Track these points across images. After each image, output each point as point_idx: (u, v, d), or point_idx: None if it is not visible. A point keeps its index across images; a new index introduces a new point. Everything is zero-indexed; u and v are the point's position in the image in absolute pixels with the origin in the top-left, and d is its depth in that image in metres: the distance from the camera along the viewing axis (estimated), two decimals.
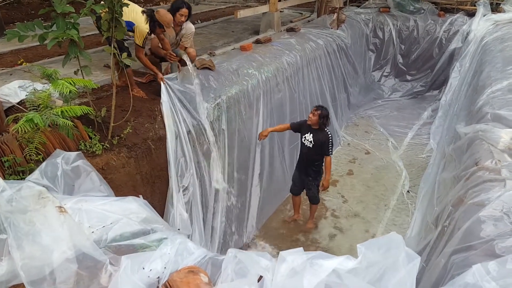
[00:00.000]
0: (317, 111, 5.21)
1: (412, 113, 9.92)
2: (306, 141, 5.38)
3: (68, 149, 3.75)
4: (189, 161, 4.65)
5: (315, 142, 5.30)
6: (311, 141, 5.33)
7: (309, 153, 5.43)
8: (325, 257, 2.21)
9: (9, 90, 4.15)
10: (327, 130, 5.34)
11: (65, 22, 3.68)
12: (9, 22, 8.69)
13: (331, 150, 5.34)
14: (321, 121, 5.20)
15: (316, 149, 5.33)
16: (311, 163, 5.52)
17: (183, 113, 4.73)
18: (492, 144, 4.00)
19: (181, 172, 4.57)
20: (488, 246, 2.61)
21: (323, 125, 5.24)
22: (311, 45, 8.03)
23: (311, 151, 5.38)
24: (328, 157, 5.36)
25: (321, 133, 5.30)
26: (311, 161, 5.50)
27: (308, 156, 5.47)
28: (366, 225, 6.16)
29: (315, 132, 5.31)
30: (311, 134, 5.33)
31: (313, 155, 5.42)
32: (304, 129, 5.45)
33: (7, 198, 2.59)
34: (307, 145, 5.37)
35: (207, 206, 5.10)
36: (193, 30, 5.52)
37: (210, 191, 5.13)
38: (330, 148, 5.31)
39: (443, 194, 4.69)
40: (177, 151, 4.54)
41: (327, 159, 5.36)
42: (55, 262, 2.40)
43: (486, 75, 6.32)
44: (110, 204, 2.93)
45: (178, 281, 2.32)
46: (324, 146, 5.27)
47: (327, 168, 5.41)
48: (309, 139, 5.34)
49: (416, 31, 10.64)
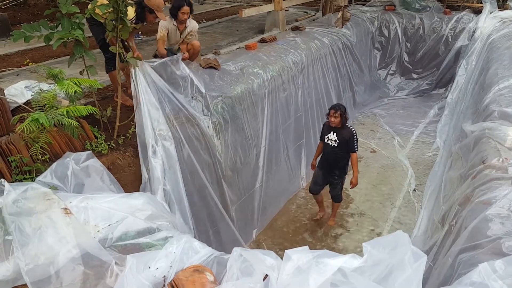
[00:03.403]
0: (337, 112, 5.10)
1: (418, 111, 9.86)
2: (330, 141, 5.31)
3: (74, 149, 3.77)
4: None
5: (340, 140, 5.24)
6: (335, 140, 5.26)
7: (334, 152, 5.34)
8: (330, 255, 2.20)
9: (15, 91, 4.19)
10: (350, 126, 5.29)
11: (70, 22, 3.70)
12: (15, 23, 8.75)
13: (356, 146, 5.27)
14: (343, 118, 5.14)
15: (341, 147, 5.27)
16: (337, 162, 5.44)
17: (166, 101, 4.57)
18: (499, 142, 3.97)
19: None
20: (495, 245, 2.59)
21: (344, 123, 5.19)
22: (316, 44, 8.01)
23: (336, 149, 5.31)
24: (354, 154, 5.29)
25: (344, 130, 5.23)
26: (337, 160, 5.42)
27: (333, 155, 5.38)
28: (372, 223, 6.14)
29: (338, 131, 5.25)
30: (334, 133, 5.26)
31: (339, 154, 5.34)
32: (326, 129, 5.39)
33: (13, 200, 2.60)
34: (332, 144, 5.30)
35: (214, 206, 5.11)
36: (197, 27, 5.52)
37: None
38: (356, 144, 5.25)
39: (450, 192, 4.66)
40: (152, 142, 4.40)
41: (353, 155, 5.29)
42: (61, 262, 2.42)
43: (493, 73, 6.27)
44: (116, 201, 2.94)
45: (183, 280, 2.33)
46: (350, 142, 5.20)
47: (354, 165, 5.34)
48: (332, 138, 5.28)
49: (422, 29, 10.57)
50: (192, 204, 4.56)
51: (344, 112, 5.16)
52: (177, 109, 4.61)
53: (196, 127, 4.82)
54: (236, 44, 7.70)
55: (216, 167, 5.16)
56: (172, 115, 4.52)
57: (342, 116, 5.12)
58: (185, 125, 4.66)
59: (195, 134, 4.79)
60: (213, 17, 10.77)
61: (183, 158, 4.54)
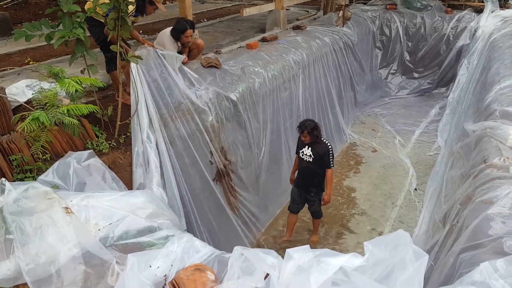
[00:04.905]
0: (303, 132, 4.88)
1: (420, 110, 9.84)
2: (305, 156, 5.08)
3: (76, 148, 3.78)
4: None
5: (314, 155, 5.01)
6: (310, 155, 5.03)
7: (309, 168, 5.09)
8: (331, 254, 2.20)
9: (17, 90, 4.19)
10: (325, 140, 5.07)
11: (71, 21, 3.71)
12: (16, 22, 8.75)
13: (332, 162, 5.04)
14: (312, 136, 4.89)
15: (316, 163, 5.04)
16: (312, 178, 5.20)
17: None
18: (501, 141, 3.97)
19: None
20: (497, 244, 2.58)
21: (317, 137, 4.95)
22: (317, 43, 8.00)
23: (311, 165, 5.07)
24: (330, 170, 5.05)
25: (319, 145, 4.99)
26: (312, 176, 5.18)
27: (308, 171, 5.14)
28: (373, 223, 6.14)
29: (313, 145, 5.01)
30: (309, 148, 5.03)
31: (314, 170, 5.08)
32: (301, 143, 5.14)
33: (13, 199, 2.60)
34: (307, 159, 5.07)
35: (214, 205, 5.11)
36: (195, 37, 5.33)
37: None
38: (332, 160, 5.03)
39: (451, 192, 4.66)
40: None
41: (328, 172, 5.05)
42: (61, 261, 2.42)
43: (494, 72, 6.26)
44: (116, 199, 2.95)
45: (184, 278, 2.33)
46: (325, 158, 4.98)
47: (328, 181, 5.12)
48: (307, 153, 5.04)
49: (423, 28, 10.55)
50: (191, 201, 4.56)
51: (313, 129, 4.88)
52: (177, 104, 4.63)
53: (197, 125, 4.83)
54: (237, 43, 7.69)
55: (218, 165, 5.16)
56: (173, 109, 4.53)
57: (311, 134, 4.88)
58: (184, 121, 4.66)
59: (195, 131, 4.80)
60: (214, 16, 10.77)
61: (181, 155, 4.54)
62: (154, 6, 4.72)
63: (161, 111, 4.38)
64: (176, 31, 4.99)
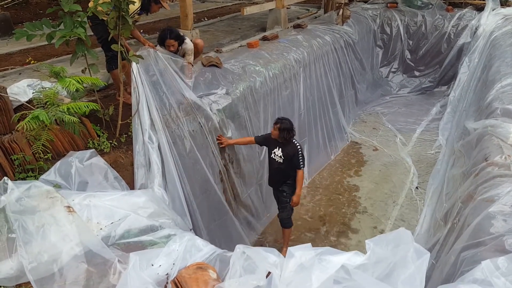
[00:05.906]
0: (277, 124, 4.85)
1: (421, 109, 9.84)
2: (276, 156, 5.03)
3: (77, 148, 3.78)
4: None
5: (284, 156, 4.96)
6: (280, 156, 4.98)
7: (280, 169, 5.04)
8: (333, 253, 2.21)
9: (18, 89, 4.20)
10: (295, 141, 4.99)
11: (72, 20, 3.71)
12: (17, 22, 8.75)
13: (302, 163, 4.97)
14: (281, 135, 4.82)
15: (287, 163, 4.98)
16: (284, 179, 5.14)
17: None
18: (502, 139, 3.97)
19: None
20: (498, 242, 2.59)
21: (284, 139, 4.88)
22: (318, 42, 8.00)
23: (282, 166, 5.03)
24: (300, 171, 4.96)
25: (289, 146, 4.92)
26: (284, 177, 5.13)
27: (280, 172, 5.08)
28: (375, 221, 6.14)
29: (284, 146, 4.94)
30: (280, 149, 4.96)
31: (285, 170, 5.02)
32: (272, 143, 5.06)
33: (16, 198, 2.61)
34: (278, 160, 5.03)
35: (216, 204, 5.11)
36: (191, 47, 5.21)
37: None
38: (301, 161, 4.95)
39: (452, 190, 4.66)
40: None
41: (298, 172, 4.96)
42: (64, 260, 2.42)
43: (495, 70, 6.26)
44: (118, 199, 2.95)
45: (186, 277, 2.33)
46: (294, 158, 4.92)
47: (297, 182, 5.01)
48: (278, 154, 4.99)
49: (424, 26, 10.55)
50: (193, 199, 4.57)
51: (285, 129, 4.82)
52: (179, 104, 4.64)
53: (198, 123, 4.83)
54: (238, 42, 7.68)
55: (219, 164, 5.16)
56: (175, 109, 4.54)
57: (280, 130, 4.82)
58: (186, 121, 4.66)
59: (197, 131, 4.80)
60: (214, 15, 10.76)
61: (183, 155, 4.55)
62: (159, 5, 4.76)
63: (163, 112, 4.39)
64: (159, 37, 5.02)
